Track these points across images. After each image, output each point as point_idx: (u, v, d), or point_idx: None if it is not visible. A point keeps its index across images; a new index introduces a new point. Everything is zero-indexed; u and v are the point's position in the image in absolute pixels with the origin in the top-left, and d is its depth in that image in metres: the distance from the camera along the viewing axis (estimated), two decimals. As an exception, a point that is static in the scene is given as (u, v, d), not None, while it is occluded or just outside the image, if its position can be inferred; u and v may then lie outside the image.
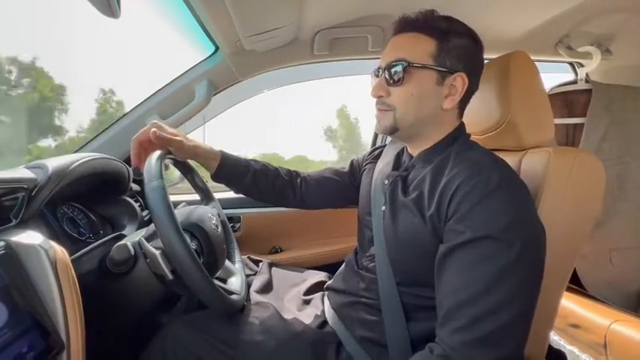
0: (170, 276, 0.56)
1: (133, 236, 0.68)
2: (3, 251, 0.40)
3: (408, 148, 0.70)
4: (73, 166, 0.62)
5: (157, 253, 0.56)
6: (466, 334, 0.47)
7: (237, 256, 0.86)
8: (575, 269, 1.03)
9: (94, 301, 0.50)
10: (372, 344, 0.63)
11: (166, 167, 0.76)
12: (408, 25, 0.61)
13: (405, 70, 0.59)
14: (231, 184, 0.83)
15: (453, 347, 0.47)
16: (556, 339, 0.94)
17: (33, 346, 0.39)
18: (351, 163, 0.91)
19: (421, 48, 0.59)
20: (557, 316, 0.95)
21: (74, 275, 0.45)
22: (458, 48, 0.59)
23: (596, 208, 0.67)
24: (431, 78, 0.59)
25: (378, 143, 1.42)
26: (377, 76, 0.65)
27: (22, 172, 0.52)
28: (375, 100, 0.65)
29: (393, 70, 0.60)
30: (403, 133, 0.64)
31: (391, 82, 0.61)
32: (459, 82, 0.60)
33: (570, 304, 0.97)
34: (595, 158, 0.66)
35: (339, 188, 0.89)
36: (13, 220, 0.47)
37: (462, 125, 0.66)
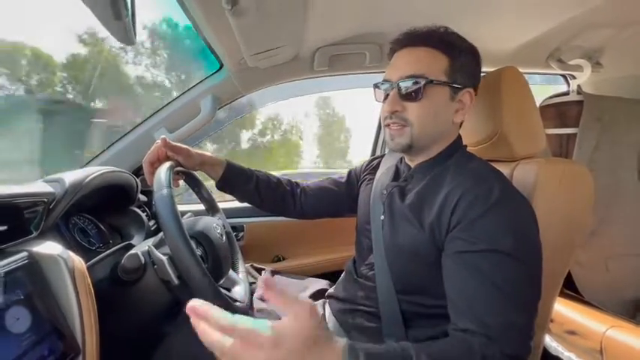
0: (176, 281, 0.58)
1: (142, 245, 0.71)
2: (26, 261, 0.43)
3: (407, 159, 0.72)
4: (88, 179, 0.65)
5: (164, 258, 0.58)
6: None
7: (241, 267, 0.88)
8: (572, 276, 1.05)
9: (104, 308, 0.52)
10: None
11: (180, 177, 0.79)
12: (420, 39, 0.62)
13: (423, 86, 0.59)
14: (234, 191, 0.85)
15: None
16: (554, 345, 0.95)
17: (52, 350, 0.42)
18: (349, 173, 0.93)
19: (437, 64, 0.60)
20: (555, 323, 0.97)
21: (90, 284, 0.48)
22: (466, 65, 0.62)
23: (587, 217, 0.70)
24: (445, 94, 0.61)
25: (377, 153, 1.45)
26: (378, 87, 0.66)
27: (41, 186, 0.55)
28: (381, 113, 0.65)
29: (409, 85, 0.60)
30: (416, 150, 0.65)
31: (407, 96, 0.60)
32: (467, 97, 0.63)
33: (567, 310, 0.98)
34: (584, 169, 0.69)
35: (337, 198, 0.91)
36: (34, 232, 0.50)
37: (459, 137, 0.69)
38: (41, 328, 0.42)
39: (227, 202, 1.28)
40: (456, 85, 0.61)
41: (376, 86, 0.67)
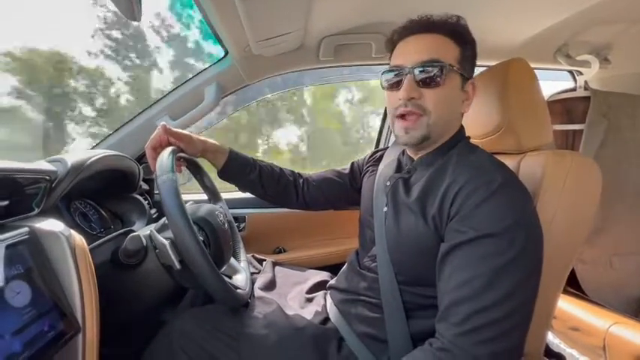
0: (178, 266, 0.58)
1: (144, 230, 0.70)
2: (27, 236, 0.43)
3: (409, 152, 0.71)
4: (90, 161, 0.65)
5: (167, 243, 0.58)
6: (463, 328, 0.48)
7: (242, 255, 0.88)
8: (575, 274, 1.04)
9: (104, 292, 0.52)
10: (372, 340, 0.65)
11: (182, 163, 0.79)
12: (435, 26, 0.60)
13: (443, 71, 0.57)
14: (237, 181, 0.85)
15: (451, 340, 0.49)
16: (556, 342, 0.94)
17: (53, 326, 0.41)
18: (352, 165, 0.92)
19: (451, 52, 0.59)
20: (558, 320, 0.96)
21: (91, 262, 0.48)
22: (471, 57, 0.63)
23: (594, 210, 0.68)
24: (458, 83, 0.60)
25: (382, 145, 1.44)
26: (390, 74, 0.61)
27: (43, 165, 0.55)
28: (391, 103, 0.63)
29: (428, 70, 0.57)
30: (429, 142, 0.63)
31: (425, 83, 0.58)
32: (471, 88, 0.63)
33: (570, 307, 0.97)
34: (592, 161, 0.68)
35: (340, 190, 0.91)
36: (36, 209, 0.49)
37: (461, 128, 0.68)
38: (41, 304, 0.41)
39: (229, 192, 1.28)
40: (464, 74, 0.61)
41: (386, 72, 0.63)
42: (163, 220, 0.67)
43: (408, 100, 0.59)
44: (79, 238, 0.47)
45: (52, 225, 0.45)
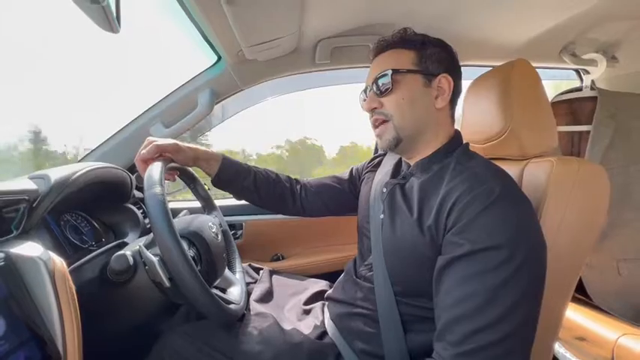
0: (167, 283, 0.56)
1: (133, 245, 0.68)
2: (2, 263, 0.41)
3: (404, 157, 0.70)
4: (75, 176, 0.63)
5: (155, 260, 0.56)
6: (462, 348, 0.46)
7: (238, 266, 0.86)
8: (581, 280, 1.01)
9: (94, 310, 0.50)
10: (370, 357, 0.62)
11: (175, 172, 0.77)
12: (385, 45, 0.66)
13: (392, 77, 0.62)
14: (231, 188, 0.82)
15: None
16: (562, 352, 0.91)
17: (30, 357, 0.39)
18: (351, 171, 0.91)
19: (403, 58, 0.64)
20: (564, 329, 0.94)
21: (72, 286, 0.46)
22: (435, 54, 0.64)
23: (602, 219, 0.65)
24: (417, 81, 0.63)
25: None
26: (365, 93, 0.68)
27: (24, 183, 0.53)
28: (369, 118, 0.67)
29: (380, 82, 0.63)
30: (405, 143, 0.64)
31: (381, 93, 0.64)
32: (445, 82, 0.63)
33: (577, 316, 0.94)
34: (600, 168, 0.65)
35: (339, 196, 0.89)
36: (14, 231, 0.47)
37: (457, 133, 0.66)
38: (18, 335, 0.39)
39: (225, 199, 1.26)
40: (427, 72, 0.63)
41: (360, 95, 0.71)
42: (152, 234, 0.65)
43: (372, 111, 0.66)
44: (58, 262, 0.44)
45: (29, 249, 0.43)
